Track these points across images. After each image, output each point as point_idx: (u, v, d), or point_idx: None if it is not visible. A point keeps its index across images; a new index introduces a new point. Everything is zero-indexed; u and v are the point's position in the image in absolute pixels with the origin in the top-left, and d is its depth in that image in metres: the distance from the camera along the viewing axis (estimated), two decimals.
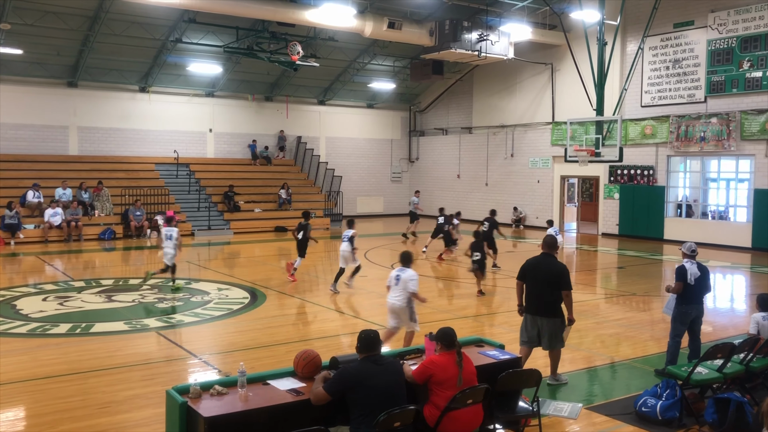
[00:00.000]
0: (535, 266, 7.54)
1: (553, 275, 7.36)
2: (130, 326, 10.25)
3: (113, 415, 6.55)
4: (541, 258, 7.60)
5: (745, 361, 6.98)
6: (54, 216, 20.79)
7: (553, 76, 25.99)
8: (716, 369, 6.79)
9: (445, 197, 30.46)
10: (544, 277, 7.39)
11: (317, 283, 14.84)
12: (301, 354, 5.46)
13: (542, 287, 7.41)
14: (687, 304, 7.80)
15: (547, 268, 7.45)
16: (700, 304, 7.89)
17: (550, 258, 7.58)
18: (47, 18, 20.69)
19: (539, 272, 7.46)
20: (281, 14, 20.67)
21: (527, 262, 7.62)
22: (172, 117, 26.65)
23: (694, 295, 7.79)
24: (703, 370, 6.72)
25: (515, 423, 5.84)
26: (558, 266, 7.48)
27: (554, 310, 7.44)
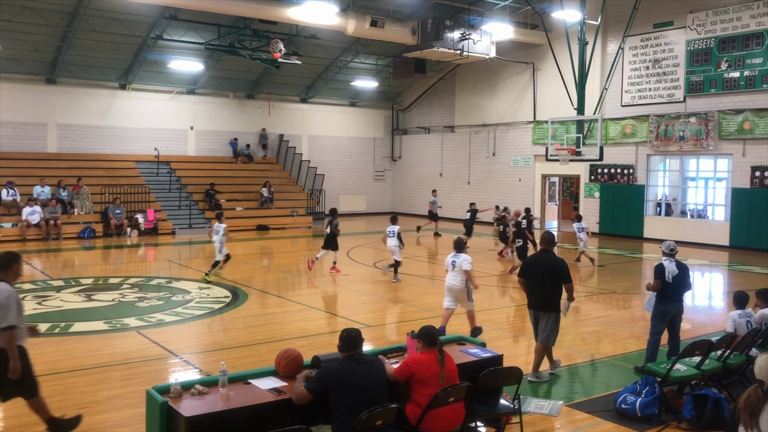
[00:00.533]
0: (534, 263, 7.80)
1: (553, 270, 7.56)
2: (109, 326, 10.16)
3: (92, 416, 6.48)
4: (540, 254, 7.83)
5: (722, 358, 7.07)
6: (32, 214, 20.53)
7: (534, 76, 26.14)
8: (694, 366, 6.87)
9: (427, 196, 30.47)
10: (544, 273, 7.59)
11: (299, 282, 14.80)
12: (282, 353, 5.45)
13: (541, 283, 7.61)
14: (666, 302, 7.90)
15: (546, 264, 7.64)
16: (679, 302, 7.97)
17: (548, 254, 7.75)
18: (25, 13, 20.42)
19: (539, 268, 7.67)
20: (263, 11, 20.57)
21: (527, 260, 7.93)
22: (152, 114, 26.41)
23: (673, 293, 7.88)
24: (681, 367, 6.80)
25: (496, 420, 5.87)
26: (556, 261, 7.68)
27: (552, 305, 7.61)
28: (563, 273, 7.55)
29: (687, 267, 8.09)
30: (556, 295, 7.61)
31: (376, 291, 13.69)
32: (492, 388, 5.72)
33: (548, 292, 7.59)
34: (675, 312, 7.96)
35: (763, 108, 19.64)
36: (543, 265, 7.64)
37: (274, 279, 15.07)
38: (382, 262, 17.19)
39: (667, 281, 7.82)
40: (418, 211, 30.81)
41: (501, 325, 10.41)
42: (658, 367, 6.93)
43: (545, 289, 7.59)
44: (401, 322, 10.64)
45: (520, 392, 5.80)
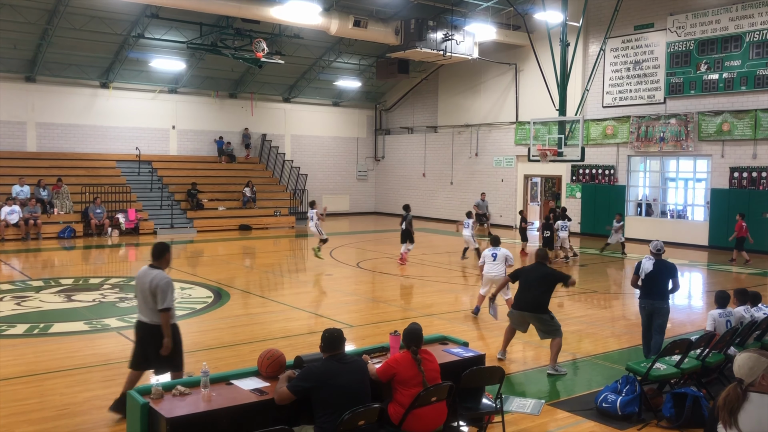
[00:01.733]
0: (528, 271, 8.38)
1: (546, 279, 8.16)
2: (90, 326, 10.06)
3: (72, 417, 6.42)
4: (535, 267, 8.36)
5: (701, 356, 7.15)
6: (11, 214, 20.27)
7: (516, 77, 26.28)
8: (674, 365, 6.95)
9: (410, 196, 30.53)
10: (537, 280, 8.14)
11: (282, 283, 14.76)
12: (265, 353, 5.43)
13: (533, 287, 8.12)
14: (641, 298, 8.30)
15: (540, 274, 8.22)
16: (653, 299, 8.12)
17: (543, 267, 8.32)
18: (4, 10, 20.15)
19: (532, 276, 8.22)
20: (246, 11, 20.47)
21: (523, 267, 8.63)
22: (134, 113, 26.18)
23: (646, 290, 8.19)
24: (661, 366, 6.87)
25: (479, 420, 5.89)
26: (549, 272, 8.29)
27: (542, 307, 8.10)
28: (558, 277, 8.21)
29: (669, 268, 8.15)
30: (546, 300, 8.11)
31: (359, 291, 13.69)
32: (474, 387, 5.74)
33: (538, 298, 8.07)
34: (650, 309, 8.17)
35: (741, 110, 19.91)
36: (537, 275, 8.19)
37: (257, 279, 15.01)
38: (365, 261, 17.18)
39: (642, 278, 8.19)
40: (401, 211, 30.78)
41: (483, 325, 10.45)
42: (639, 365, 7.00)
43: (535, 293, 8.07)
44: (384, 321, 10.65)
45: (502, 391, 5.83)
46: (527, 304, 8.13)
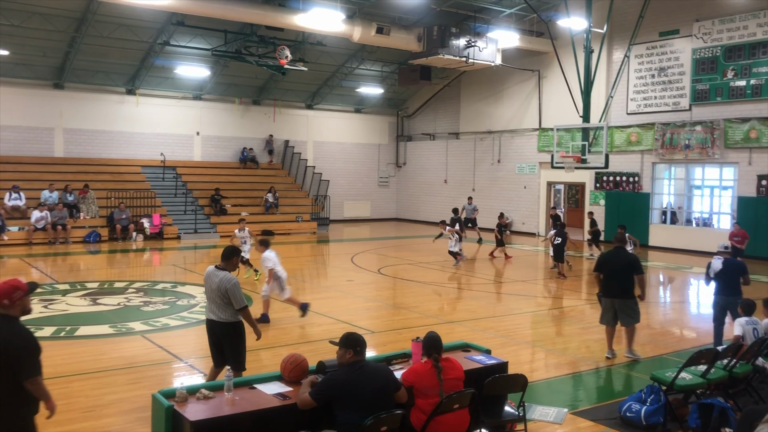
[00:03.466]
0: (610, 258, 8.96)
1: (629, 263, 8.82)
2: (115, 329, 10.18)
3: (97, 420, 6.50)
4: (614, 251, 9.03)
5: (728, 366, 7.05)
6: (39, 219, 20.60)
7: (540, 83, 26.16)
8: (700, 375, 6.85)
9: (432, 202, 30.56)
10: (621, 266, 8.80)
11: (303, 288, 14.81)
12: (287, 358, 5.46)
13: (619, 274, 8.78)
14: (715, 294, 9.29)
15: (622, 258, 8.90)
16: (727, 295, 8.93)
17: (622, 250, 9.08)
18: (34, 19, 20.55)
19: (616, 262, 8.85)
20: (270, 18, 20.65)
21: (603, 257, 9.15)
22: (159, 120, 26.52)
23: (719, 287, 9.14)
24: (687, 376, 6.77)
25: (501, 428, 5.85)
26: (631, 256, 9.10)
27: (629, 292, 8.76)
28: (637, 266, 8.82)
29: (739, 265, 9.11)
30: (632, 285, 8.76)
31: (381, 297, 13.70)
32: (497, 395, 5.71)
33: (626, 283, 8.73)
34: (724, 304, 9.00)
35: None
36: (620, 259, 8.86)
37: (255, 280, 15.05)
38: (386, 267, 17.19)
39: (711, 277, 9.18)
40: (423, 217, 30.83)
41: (506, 333, 10.40)
42: (664, 375, 6.92)
43: (623, 278, 8.74)
44: (405, 328, 10.64)
45: (525, 399, 5.80)
46: (617, 290, 8.72)
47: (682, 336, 11.00)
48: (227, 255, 6.87)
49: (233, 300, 6.62)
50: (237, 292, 6.62)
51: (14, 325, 4.52)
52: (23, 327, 4.58)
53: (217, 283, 6.63)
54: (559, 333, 10.70)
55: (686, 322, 12.29)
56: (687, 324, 12.07)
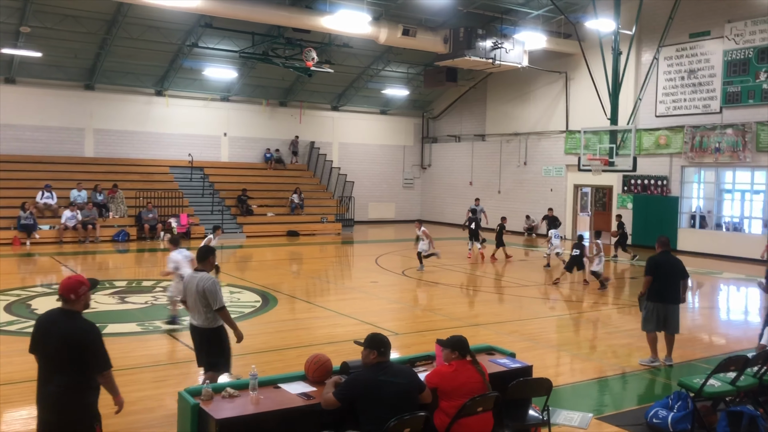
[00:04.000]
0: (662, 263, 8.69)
1: (680, 268, 8.69)
2: (142, 328, 10.32)
3: (124, 416, 6.55)
4: (664, 255, 8.76)
5: (758, 374, 6.92)
6: (70, 218, 20.96)
7: (567, 85, 25.96)
8: (729, 382, 6.73)
9: (457, 204, 30.44)
10: (673, 270, 8.66)
11: (328, 289, 14.87)
12: (312, 358, 5.48)
13: (671, 279, 8.64)
14: None
15: (673, 263, 8.72)
16: None
17: (669, 254, 8.83)
18: (66, 21, 20.93)
19: (668, 267, 8.68)
20: (297, 20, 20.79)
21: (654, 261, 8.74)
22: (187, 121, 26.84)
23: None
24: (715, 383, 6.66)
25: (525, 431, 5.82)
26: (680, 260, 8.88)
27: (678, 297, 8.69)
28: (685, 271, 8.72)
29: None
30: (679, 290, 8.68)
31: (405, 299, 13.69)
32: (521, 398, 5.68)
33: (676, 288, 8.61)
34: None
35: None
36: (671, 264, 8.68)
37: (303, 284, 15.17)
38: (410, 269, 17.19)
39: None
40: (447, 219, 30.74)
41: (531, 336, 10.33)
42: (692, 381, 6.82)
43: (675, 283, 8.61)
44: (429, 330, 10.63)
45: (549, 403, 5.76)
46: (669, 295, 8.61)
47: (711, 342, 10.83)
48: (202, 255, 6.76)
49: (211, 300, 6.49)
50: (215, 291, 6.51)
51: (79, 319, 4.62)
52: (88, 321, 4.68)
53: (195, 285, 6.53)
54: (585, 337, 10.61)
55: (715, 328, 12.10)
56: (716, 330, 11.88)
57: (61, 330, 4.49)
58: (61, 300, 4.62)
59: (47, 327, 4.55)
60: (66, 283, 4.62)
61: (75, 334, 4.53)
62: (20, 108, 23.43)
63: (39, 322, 4.68)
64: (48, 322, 4.59)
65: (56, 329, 4.51)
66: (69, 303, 4.58)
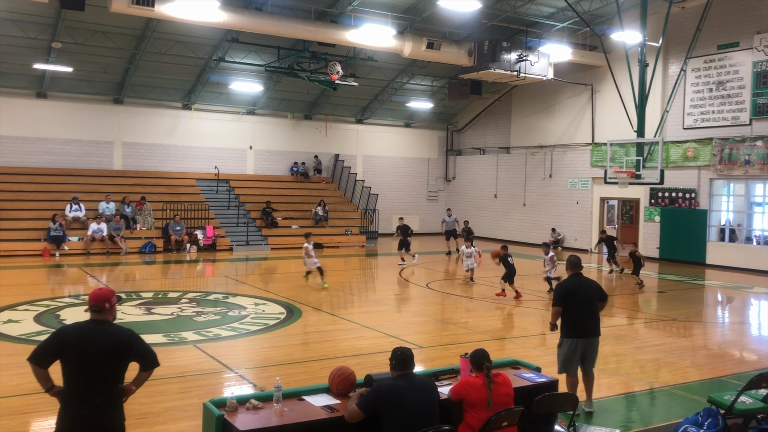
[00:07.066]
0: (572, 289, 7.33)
1: (595, 291, 7.39)
2: (168, 339, 10.40)
3: (150, 427, 6.64)
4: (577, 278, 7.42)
5: None
6: (97, 231, 21.25)
7: (593, 97, 25.79)
8: (761, 399, 6.58)
9: (481, 217, 30.35)
10: (589, 296, 7.31)
11: (351, 301, 14.88)
12: (336, 371, 5.48)
13: (589, 307, 7.29)
14: None
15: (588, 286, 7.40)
16: None
17: (580, 276, 7.44)
18: (96, 37, 21.34)
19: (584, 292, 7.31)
20: (322, 34, 20.97)
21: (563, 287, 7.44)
22: (213, 134, 27.16)
23: None
24: (747, 400, 6.52)
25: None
26: (593, 282, 7.59)
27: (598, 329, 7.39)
28: (602, 291, 7.45)
29: None
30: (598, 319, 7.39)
31: (429, 312, 13.64)
32: (546, 413, 5.62)
33: (597, 315, 7.32)
34: None
35: None
36: (585, 288, 7.31)
37: (328, 297, 15.18)
38: (434, 282, 17.14)
39: None
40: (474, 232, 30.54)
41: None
42: (722, 398, 6.68)
43: (594, 312, 7.30)
44: (453, 343, 10.56)
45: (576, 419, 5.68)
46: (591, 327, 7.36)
47: (742, 358, 10.61)
48: None
49: None
50: None
51: (117, 327, 4.70)
52: (124, 327, 4.77)
53: None
54: (612, 352, 10.45)
55: (746, 343, 11.85)
56: (747, 346, 11.64)
57: (105, 340, 4.50)
58: (92, 311, 4.62)
59: (87, 339, 4.47)
60: (98, 294, 4.67)
61: (121, 341, 4.58)
62: (51, 122, 23.91)
63: (72, 335, 4.56)
64: (86, 334, 4.52)
65: (99, 340, 4.48)
66: (102, 313, 4.62)
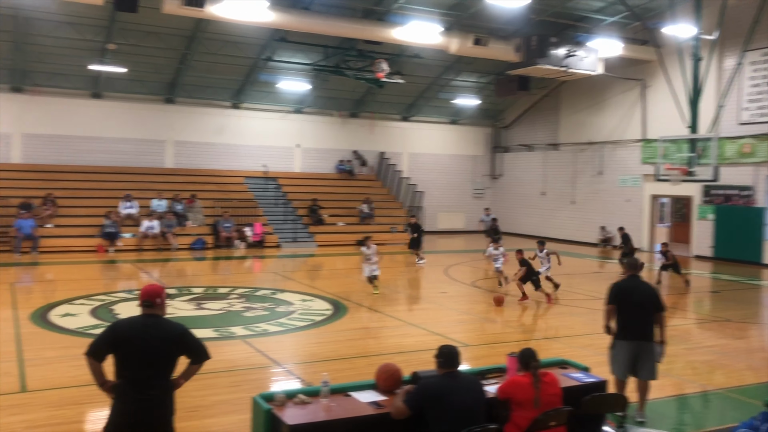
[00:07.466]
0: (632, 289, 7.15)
1: (653, 297, 7.09)
2: (218, 333, 10.62)
3: (201, 419, 6.80)
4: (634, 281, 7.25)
5: None
6: (150, 227, 21.81)
7: (644, 92, 25.22)
8: None
9: (528, 215, 30.04)
10: (644, 300, 7.05)
11: (396, 298, 14.91)
12: (383, 367, 5.52)
13: (643, 310, 7.04)
14: None
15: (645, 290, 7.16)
16: None
17: (639, 280, 7.29)
18: (149, 38, 21.86)
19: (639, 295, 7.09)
20: (369, 32, 21.05)
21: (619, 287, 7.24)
22: (261, 132, 27.55)
23: None
24: None
25: None
26: (651, 287, 7.30)
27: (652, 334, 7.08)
28: (659, 300, 7.08)
29: None
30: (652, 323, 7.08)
31: (474, 310, 13.57)
32: (595, 414, 5.54)
33: (650, 321, 7.02)
34: None
35: None
36: (641, 291, 7.10)
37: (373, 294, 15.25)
38: (480, 280, 17.05)
39: None
40: (519, 230, 30.32)
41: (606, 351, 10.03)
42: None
43: (648, 316, 7.03)
44: (499, 342, 10.50)
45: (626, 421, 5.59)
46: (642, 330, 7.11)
47: None
48: None
49: None
50: None
51: (169, 321, 4.87)
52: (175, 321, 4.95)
53: None
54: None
55: None
56: None
57: (160, 334, 4.65)
58: (144, 306, 4.77)
59: (141, 333, 4.62)
60: (150, 289, 4.81)
61: (176, 334, 4.75)
62: (105, 121, 24.61)
63: (127, 329, 4.70)
64: (140, 328, 4.66)
65: (154, 334, 4.63)
66: (154, 308, 4.76)
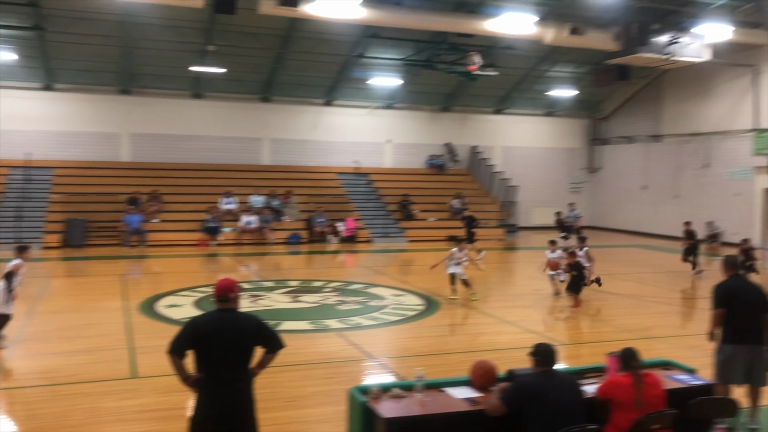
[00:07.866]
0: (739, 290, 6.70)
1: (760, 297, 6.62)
2: (313, 326, 10.84)
3: (298, 410, 6.96)
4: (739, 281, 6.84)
5: None
6: (248, 222, 22.58)
7: (755, 79, 23.69)
8: None
9: (629, 210, 28.94)
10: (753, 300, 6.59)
11: (490, 295, 14.71)
12: (477, 364, 5.46)
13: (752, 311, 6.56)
14: None
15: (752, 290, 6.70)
16: None
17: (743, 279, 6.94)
18: (246, 39, 22.57)
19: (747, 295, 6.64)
20: (461, 25, 20.84)
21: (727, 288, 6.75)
22: (353, 129, 27.89)
23: None
24: None
25: None
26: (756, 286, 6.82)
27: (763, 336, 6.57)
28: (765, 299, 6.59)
29: None
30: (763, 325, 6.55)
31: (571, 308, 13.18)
32: (702, 419, 5.25)
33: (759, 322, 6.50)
34: None
35: None
36: (748, 291, 6.63)
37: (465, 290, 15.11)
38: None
39: None
40: (619, 225, 29.27)
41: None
42: None
43: (756, 318, 6.51)
44: (598, 342, 10.15)
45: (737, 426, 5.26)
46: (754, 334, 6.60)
47: None
48: None
49: None
50: None
51: (245, 314, 4.96)
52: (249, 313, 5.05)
53: None
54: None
55: None
56: None
57: (238, 327, 4.76)
58: (219, 300, 4.80)
59: (220, 328, 4.72)
60: (224, 284, 4.83)
61: (252, 327, 4.85)
62: (205, 120, 25.66)
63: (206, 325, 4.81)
64: (219, 322, 4.76)
65: (232, 328, 4.73)
66: (229, 302, 4.80)
